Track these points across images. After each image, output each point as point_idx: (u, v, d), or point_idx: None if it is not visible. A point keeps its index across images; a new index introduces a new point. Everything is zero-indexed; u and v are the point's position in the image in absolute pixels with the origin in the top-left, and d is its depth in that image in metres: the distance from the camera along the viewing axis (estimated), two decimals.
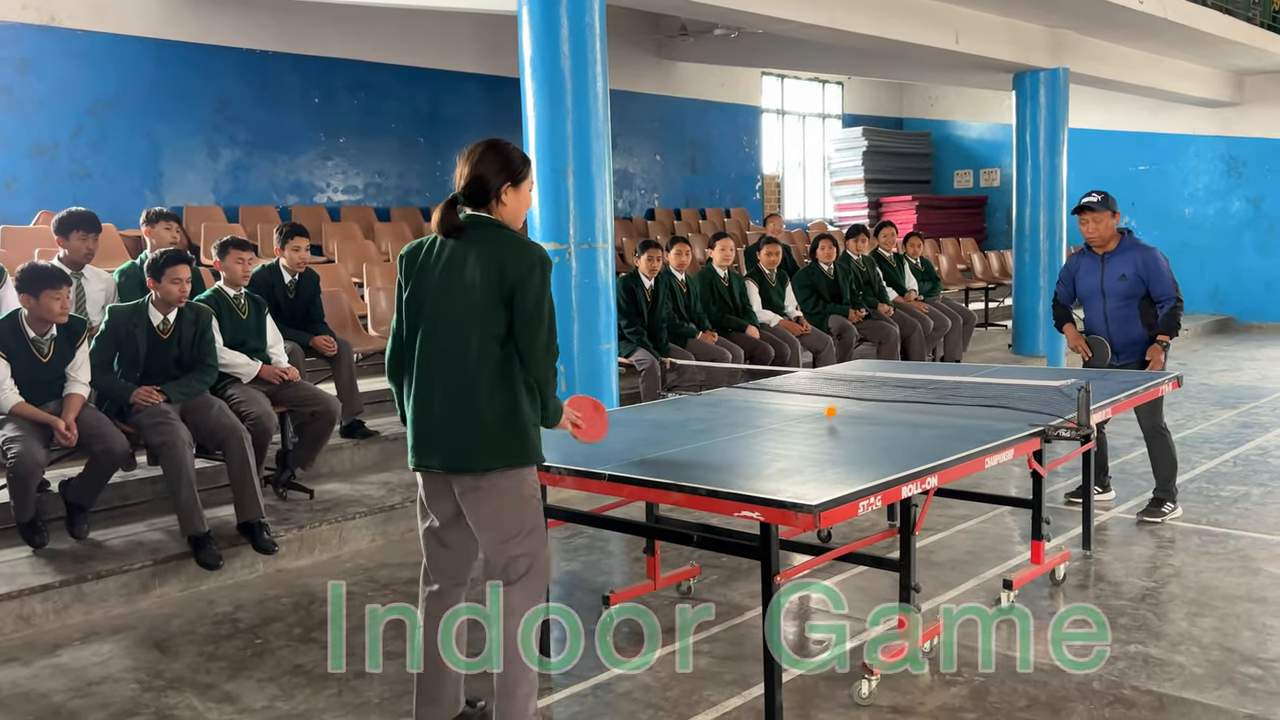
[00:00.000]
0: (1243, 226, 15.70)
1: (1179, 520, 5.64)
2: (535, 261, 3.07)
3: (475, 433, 3.06)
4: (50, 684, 3.94)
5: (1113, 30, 11.68)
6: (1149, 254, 5.63)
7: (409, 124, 11.36)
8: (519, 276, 3.04)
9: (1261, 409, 8.96)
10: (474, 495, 3.12)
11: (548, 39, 6.37)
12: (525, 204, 3.24)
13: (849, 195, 16.95)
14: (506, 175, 3.14)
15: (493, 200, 3.14)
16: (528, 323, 3.05)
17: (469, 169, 3.14)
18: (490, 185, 3.12)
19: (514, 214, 3.20)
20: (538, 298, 3.05)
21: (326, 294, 7.06)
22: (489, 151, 3.15)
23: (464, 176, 3.15)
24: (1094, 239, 5.71)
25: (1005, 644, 4.05)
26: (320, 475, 6.23)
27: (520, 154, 3.21)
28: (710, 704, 3.59)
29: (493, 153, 3.15)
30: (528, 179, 3.21)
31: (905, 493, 3.27)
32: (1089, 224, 5.69)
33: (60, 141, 8.96)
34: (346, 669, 3.98)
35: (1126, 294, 5.63)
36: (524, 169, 3.20)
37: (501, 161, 3.14)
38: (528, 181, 3.21)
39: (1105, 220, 5.66)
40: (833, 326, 8.98)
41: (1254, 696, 3.54)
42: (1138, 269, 5.60)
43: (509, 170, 3.15)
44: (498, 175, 3.13)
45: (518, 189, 3.17)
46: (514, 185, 3.16)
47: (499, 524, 3.13)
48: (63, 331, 4.97)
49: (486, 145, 3.17)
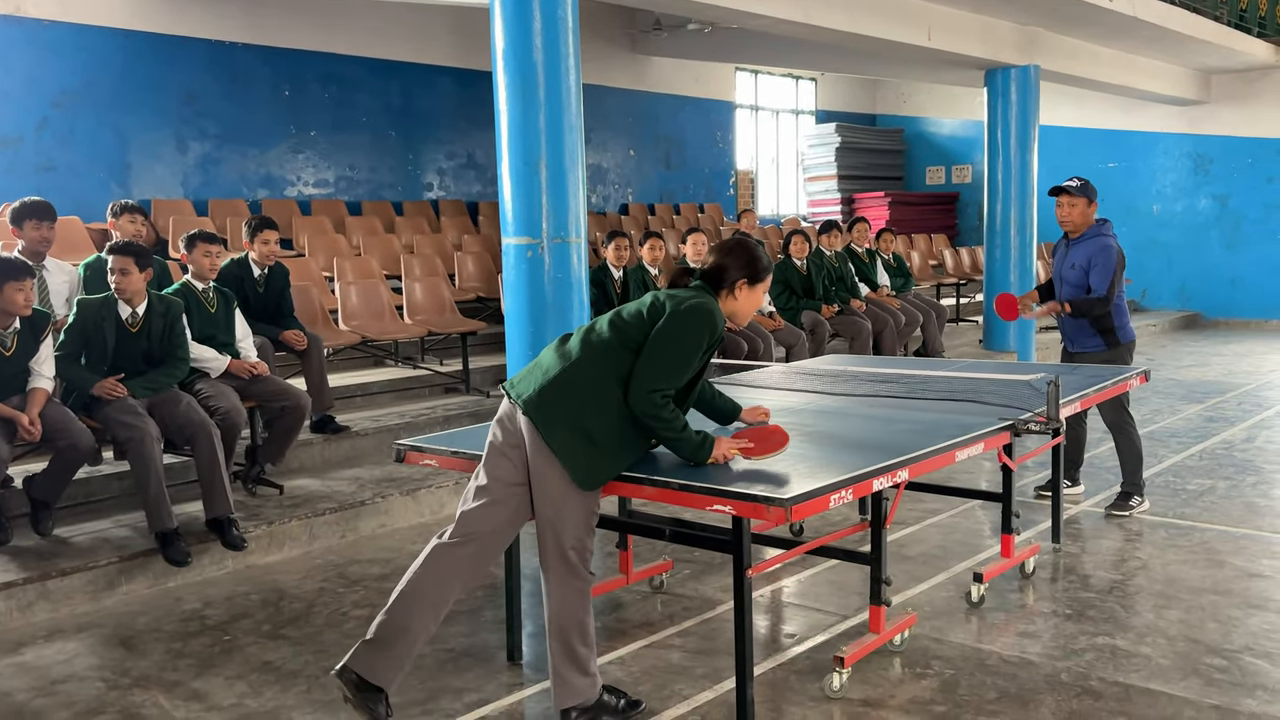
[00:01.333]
0: (1209, 224, 15.90)
1: (1146, 514, 5.70)
2: (701, 309, 3.20)
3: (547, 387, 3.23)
4: (13, 683, 3.88)
5: (1083, 28, 11.78)
6: (1102, 246, 5.67)
7: (381, 117, 11.29)
8: (675, 311, 3.21)
9: (1227, 404, 9.08)
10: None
11: (520, 32, 6.34)
12: (754, 305, 3.42)
13: (822, 191, 17.02)
14: (748, 274, 3.33)
15: (724, 289, 3.34)
16: (654, 347, 3.18)
17: (714, 258, 3.37)
18: (729, 278, 3.33)
19: (740, 312, 3.39)
20: (676, 334, 3.17)
21: (296, 288, 7.01)
22: (739, 249, 3.37)
23: (708, 260, 3.39)
24: (1065, 223, 5.77)
25: (975, 637, 4.07)
26: (290, 471, 6.17)
27: (767, 259, 3.42)
28: (682, 697, 3.58)
29: (743, 251, 3.36)
30: (765, 283, 3.39)
31: (876, 486, 3.28)
32: (1063, 207, 5.74)
33: (25, 134, 8.83)
34: (315, 665, 3.95)
35: (1076, 283, 5.71)
36: (765, 274, 3.39)
37: (748, 260, 3.34)
38: (763, 285, 3.39)
39: (1080, 206, 5.71)
40: (805, 322, 9.01)
41: (1219, 687, 3.58)
42: (1087, 259, 5.67)
43: (752, 270, 3.34)
44: (740, 271, 3.33)
45: (753, 289, 3.36)
46: (750, 285, 3.35)
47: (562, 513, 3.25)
48: (26, 325, 4.89)
49: (739, 243, 3.40)
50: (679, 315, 3.18)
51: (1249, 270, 15.59)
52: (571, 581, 3.25)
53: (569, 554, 3.23)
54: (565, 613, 3.27)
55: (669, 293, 3.31)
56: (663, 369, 3.15)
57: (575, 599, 3.26)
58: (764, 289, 3.39)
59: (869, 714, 3.45)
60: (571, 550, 3.23)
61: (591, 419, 3.16)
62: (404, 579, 3.30)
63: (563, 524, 3.22)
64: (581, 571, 3.26)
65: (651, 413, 3.15)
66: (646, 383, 3.14)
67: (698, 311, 3.19)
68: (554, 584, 3.28)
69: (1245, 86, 15.33)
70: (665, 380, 3.15)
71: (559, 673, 3.29)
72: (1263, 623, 4.14)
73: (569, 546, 3.23)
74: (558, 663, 3.29)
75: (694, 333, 3.18)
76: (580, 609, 3.27)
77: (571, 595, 3.26)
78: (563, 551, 3.23)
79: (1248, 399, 9.31)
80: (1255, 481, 6.35)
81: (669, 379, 3.16)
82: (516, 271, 6.52)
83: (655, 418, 3.15)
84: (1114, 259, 5.63)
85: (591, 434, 3.15)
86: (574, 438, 3.15)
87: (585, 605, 3.28)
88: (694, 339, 3.18)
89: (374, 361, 8.40)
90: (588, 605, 3.29)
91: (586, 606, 3.29)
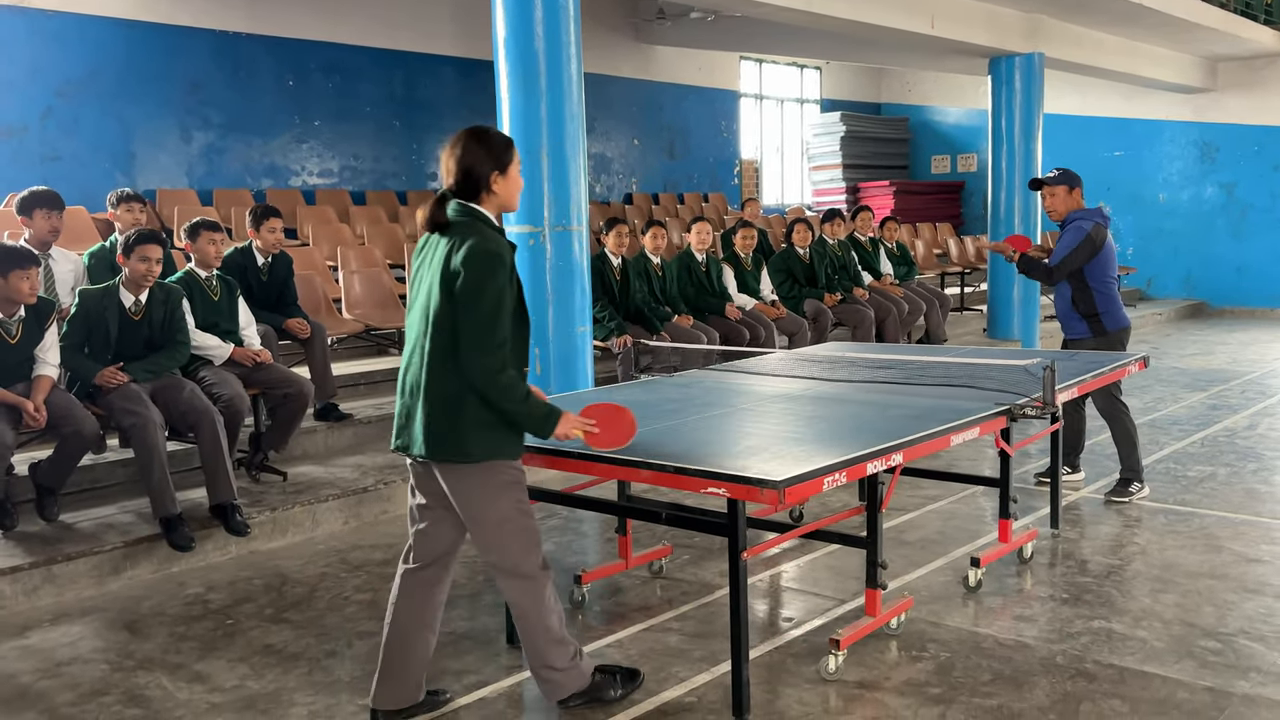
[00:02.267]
0: (1215, 212, 15.85)
1: (1146, 500, 5.71)
2: (477, 254, 2.99)
3: (420, 421, 3.12)
4: (18, 665, 3.93)
5: (1088, 15, 11.74)
6: (1074, 231, 5.71)
7: (384, 107, 11.31)
8: (458, 268, 3.01)
9: (1231, 392, 9.07)
10: (449, 482, 3.17)
11: (521, 21, 6.35)
12: (516, 188, 3.21)
13: (827, 180, 17.00)
14: (493, 163, 3.12)
15: (484, 191, 3.14)
16: (461, 315, 3.00)
17: (455, 163, 3.13)
18: (480, 176, 3.12)
19: (507, 199, 3.19)
20: (474, 294, 2.98)
21: (300, 277, 7.04)
22: (472, 142, 3.13)
23: (451, 171, 3.14)
24: (1051, 213, 5.93)
25: (972, 620, 4.10)
26: (294, 458, 6.21)
27: (502, 138, 3.19)
28: (679, 680, 3.61)
29: (475, 142, 3.13)
30: (514, 161, 3.18)
31: (870, 469, 3.30)
32: (1046, 198, 5.90)
33: (30, 123, 8.88)
34: (317, 649, 3.99)
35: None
36: (509, 153, 3.17)
37: (486, 149, 3.12)
38: (515, 165, 3.18)
39: (1060, 194, 5.80)
40: (808, 310, 9.02)
41: (1212, 669, 3.60)
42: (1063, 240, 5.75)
43: (494, 157, 3.13)
44: (484, 164, 3.11)
45: (506, 175, 3.15)
46: (502, 173, 3.14)
47: (478, 515, 3.18)
48: (31, 313, 4.93)
49: (469, 135, 3.15)
50: (470, 271, 2.98)
51: (1255, 258, 15.55)
52: (525, 586, 3.22)
53: (518, 568, 3.21)
54: (527, 620, 3.24)
55: (442, 249, 3.08)
56: (479, 330, 2.98)
57: (532, 603, 3.22)
58: (517, 168, 3.17)
59: (864, 696, 3.48)
60: (517, 565, 3.20)
61: (475, 410, 3.06)
62: (388, 611, 3.33)
63: (503, 547, 3.18)
64: (534, 574, 3.21)
65: (486, 383, 3.00)
66: (472, 350, 2.99)
67: (480, 254, 2.99)
68: (509, 594, 3.26)
69: (1252, 74, 15.27)
70: (488, 338, 2.98)
71: (538, 674, 3.31)
72: (1259, 607, 4.16)
73: (514, 563, 3.20)
74: (535, 665, 3.30)
75: (487, 275, 2.98)
76: (539, 611, 3.23)
77: (527, 600, 3.23)
78: (509, 569, 3.21)
79: (1251, 387, 9.31)
80: (1256, 468, 6.36)
81: (491, 336, 2.98)
82: (518, 259, 6.53)
83: (492, 386, 3.00)
84: (1079, 239, 5.66)
85: (484, 420, 3.06)
86: (480, 433, 3.07)
87: (544, 605, 3.23)
88: (492, 284, 2.98)
89: (377, 350, 8.44)
90: (547, 603, 3.24)
91: (547, 605, 3.24)
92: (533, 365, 6.52)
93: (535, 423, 3.12)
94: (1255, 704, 3.35)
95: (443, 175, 3.19)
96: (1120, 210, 16.05)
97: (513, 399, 3.05)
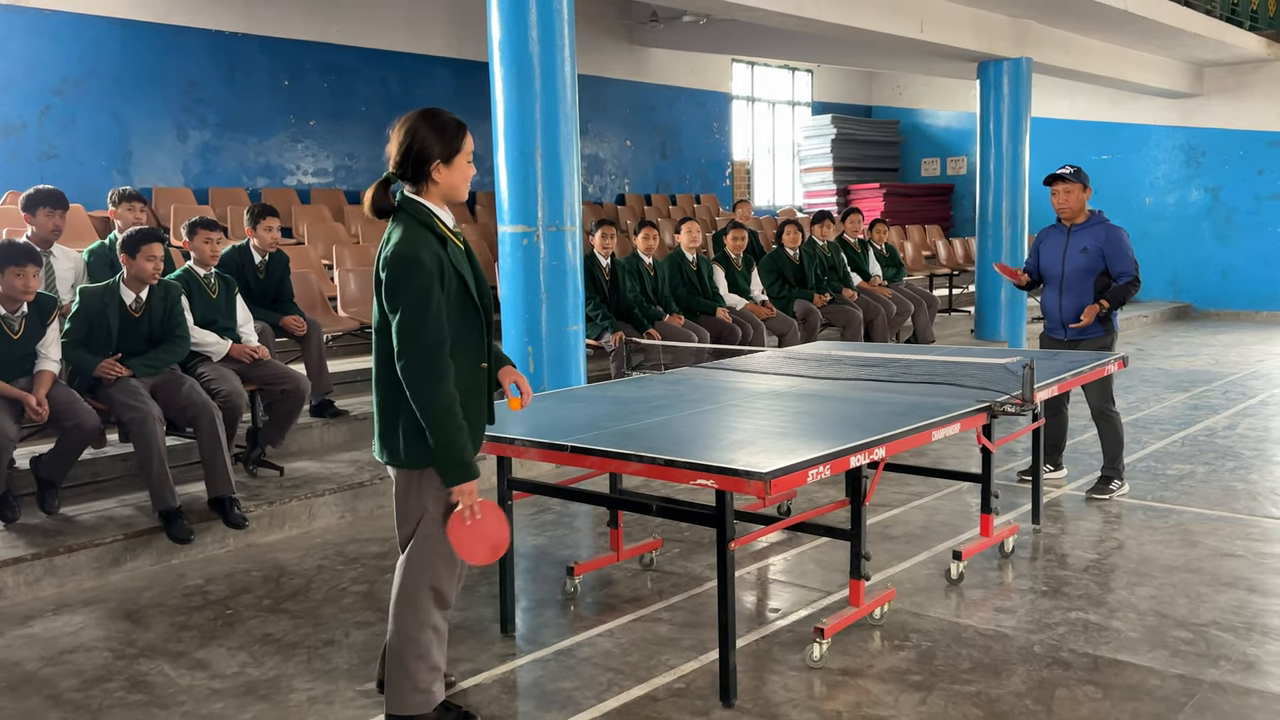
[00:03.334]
0: (1201, 216, 16.03)
1: (1126, 497, 5.84)
2: (393, 258, 2.91)
3: (374, 420, 3.13)
4: (22, 653, 4.02)
5: (1075, 21, 11.89)
6: (1114, 231, 5.80)
7: (379, 107, 11.39)
8: (379, 273, 2.96)
9: (1213, 392, 9.22)
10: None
11: (516, 23, 6.45)
12: (462, 178, 3.04)
13: (818, 182, 17.13)
14: (438, 151, 2.97)
15: (425, 183, 3.00)
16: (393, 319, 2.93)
17: (399, 143, 2.97)
18: (422, 161, 2.96)
19: (450, 189, 3.04)
20: (392, 301, 2.91)
21: (296, 275, 7.13)
22: (421, 122, 2.97)
23: (396, 152, 2.98)
24: (1063, 210, 5.87)
25: (954, 612, 4.22)
26: (290, 453, 6.31)
27: (455, 121, 3.01)
28: (668, 668, 3.72)
29: (424, 123, 2.97)
30: (463, 151, 3.01)
31: (854, 463, 3.41)
32: (1059, 194, 5.84)
33: (28, 121, 8.94)
34: (315, 638, 4.09)
35: (1086, 267, 5.79)
36: (458, 140, 3.00)
37: (434, 134, 2.96)
38: (463, 155, 3.01)
39: (1076, 192, 5.82)
40: (797, 310, 9.14)
41: (1183, 658, 3.73)
42: (1100, 243, 5.77)
43: (441, 143, 2.97)
44: (429, 149, 2.96)
45: (450, 165, 2.99)
46: (446, 162, 2.99)
47: (400, 509, 3.17)
48: (33, 309, 5.02)
49: (418, 116, 2.99)
50: (388, 275, 2.91)
51: (1240, 261, 15.72)
52: (415, 600, 3.12)
53: (417, 580, 3.11)
54: (401, 624, 3.13)
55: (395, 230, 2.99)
56: (406, 338, 2.88)
57: (412, 616, 3.12)
58: (467, 154, 3.00)
59: (847, 683, 3.59)
60: (430, 588, 3.11)
61: (410, 415, 2.98)
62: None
63: (417, 557, 3.11)
64: (430, 609, 3.12)
65: (420, 396, 2.87)
66: (401, 359, 2.89)
67: (394, 259, 2.89)
68: (395, 601, 3.14)
69: (1237, 79, 15.45)
70: (416, 345, 2.87)
71: (391, 678, 3.17)
72: (1231, 599, 4.28)
73: (414, 575, 3.11)
74: (392, 670, 3.17)
75: (402, 280, 2.88)
76: (416, 623, 3.11)
77: (408, 612, 3.13)
78: (407, 582, 3.13)
79: (1233, 388, 9.45)
80: (1234, 466, 6.49)
81: (418, 342, 2.87)
82: (512, 259, 6.65)
83: (422, 403, 2.87)
84: (1128, 242, 5.77)
85: (417, 426, 2.97)
86: (412, 438, 3.00)
87: (423, 622, 3.11)
88: (409, 289, 2.87)
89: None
90: (427, 622, 3.12)
91: (424, 623, 3.11)
92: (526, 363, 6.63)
93: (451, 461, 2.93)
94: (1223, 690, 3.47)
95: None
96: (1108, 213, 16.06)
97: (441, 423, 2.90)
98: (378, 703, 3.48)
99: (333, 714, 3.45)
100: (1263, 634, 3.93)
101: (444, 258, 2.95)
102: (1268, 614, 4.12)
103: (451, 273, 2.97)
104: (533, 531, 5.44)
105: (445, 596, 3.16)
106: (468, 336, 3.04)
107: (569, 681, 3.64)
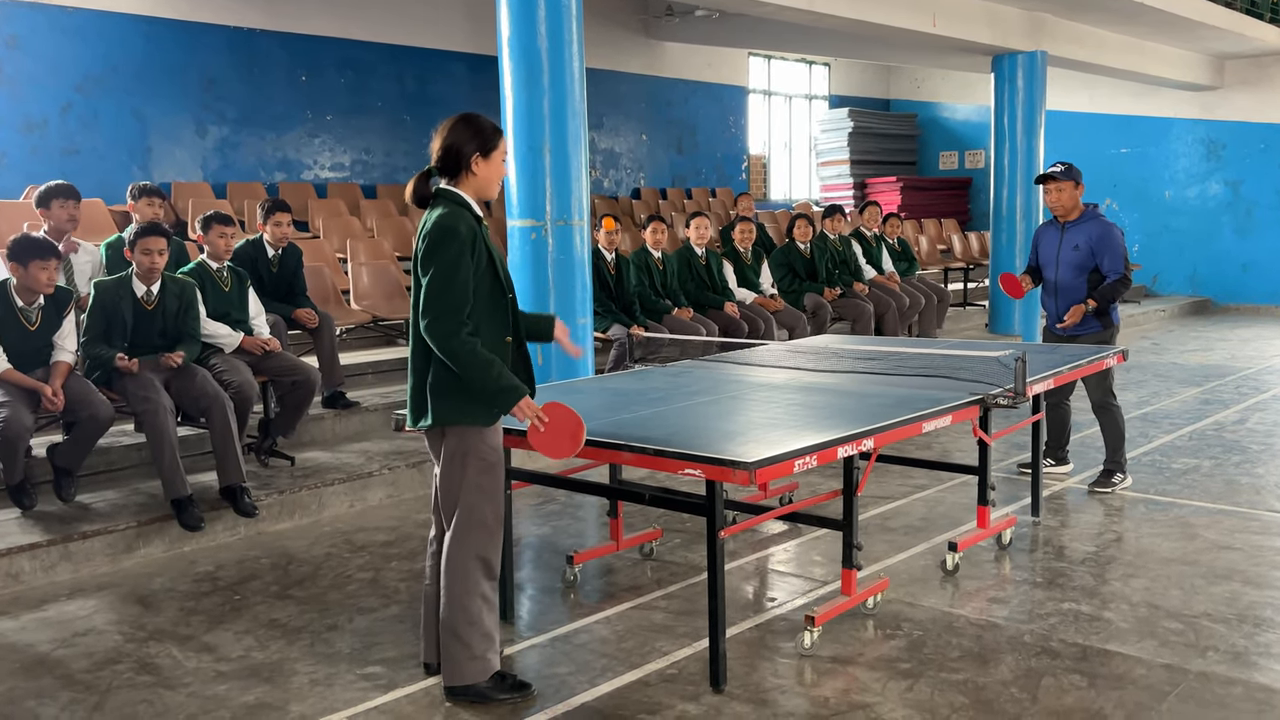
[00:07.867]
0: (1221, 209, 15.90)
1: (1128, 490, 5.86)
2: (432, 226, 3.20)
3: (409, 393, 3.35)
4: (37, 635, 4.14)
5: (1090, 13, 11.83)
6: (1105, 228, 5.82)
7: (396, 102, 11.50)
8: (418, 242, 3.25)
9: (1225, 387, 9.19)
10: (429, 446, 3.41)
11: (525, 18, 6.53)
12: (497, 174, 3.35)
13: (835, 176, 17.12)
14: (477, 145, 3.28)
15: (464, 171, 3.30)
16: (420, 283, 3.22)
17: (440, 141, 3.31)
18: (462, 155, 3.28)
19: (485, 184, 3.34)
20: (425, 264, 3.19)
21: (310, 268, 7.24)
22: (460, 123, 3.31)
23: (437, 150, 3.31)
24: (1056, 208, 5.91)
25: (947, 602, 4.26)
26: (302, 444, 6.42)
27: (492, 125, 3.35)
28: (662, 654, 3.80)
29: (464, 124, 3.31)
30: (499, 149, 3.33)
31: (841, 453, 3.47)
32: (1051, 193, 5.89)
33: (50, 118, 9.10)
34: (319, 623, 4.19)
35: (1078, 264, 5.83)
36: (495, 139, 3.32)
37: (472, 132, 3.29)
38: (499, 152, 3.33)
39: (1068, 190, 5.85)
40: (807, 304, 9.18)
41: (1172, 648, 3.76)
42: (1091, 241, 5.80)
43: (479, 140, 3.29)
44: (468, 145, 3.27)
45: (488, 159, 3.30)
46: (484, 155, 3.29)
47: (441, 478, 3.39)
48: (50, 301, 5.15)
49: (459, 118, 3.33)
50: (426, 242, 3.20)
51: (1260, 256, 15.59)
52: (462, 566, 3.33)
53: (460, 542, 3.34)
54: (451, 593, 3.34)
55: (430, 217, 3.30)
56: (428, 295, 3.16)
57: (460, 582, 3.33)
58: (501, 156, 3.34)
59: (837, 670, 3.66)
60: (476, 557, 3.34)
61: (438, 375, 3.26)
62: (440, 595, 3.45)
63: (457, 520, 3.33)
64: (479, 578, 3.34)
65: (440, 345, 3.16)
66: (425, 315, 3.17)
67: (434, 228, 3.20)
68: (445, 562, 3.37)
69: (1258, 72, 15.31)
70: (436, 302, 3.15)
71: (446, 647, 3.38)
72: (1225, 591, 4.31)
73: (475, 553, 3.34)
74: (445, 637, 3.38)
75: (438, 244, 3.17)
76: (465, 587, 3.32)
77: (457, 579, 3.34)
78: (452, 544, 3.35)
79: (1246, 383, 9.42)
80: (1240, 460, 6.49)
81: (439, 300, 3.15)
82: (521, 253, 6.73)
83: (445, 348, 3.15)
84: (1120, 239, 5.78)
85: (445, 385, 3.24)
86: (441, 398, 3.26)
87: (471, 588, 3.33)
88: (442, 254, 3.16)
89: (385, 340, 8.65)
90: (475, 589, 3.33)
91: (472, 590, 3.33)
92: (534, 357, 6.70)
93: (494, 391, 3.20)
94: (1209, 680, 3.51)
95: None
96: (1126, 207, 16.13)
97: (469, 363, 3.16)
98: (376, 685, 3.58)
99: (332, 695, 3.55)
100: (1254, 626, 3.96)
101: (479, 233, 3.26)
102: (1260, 606, 4.15)
103: (483, 248, 3.27)
104: (537, 521, 5.53)
105: (492, 566, 3.38)
106: (494, 311, 3.29)
107: (564, 666, 3.72)
